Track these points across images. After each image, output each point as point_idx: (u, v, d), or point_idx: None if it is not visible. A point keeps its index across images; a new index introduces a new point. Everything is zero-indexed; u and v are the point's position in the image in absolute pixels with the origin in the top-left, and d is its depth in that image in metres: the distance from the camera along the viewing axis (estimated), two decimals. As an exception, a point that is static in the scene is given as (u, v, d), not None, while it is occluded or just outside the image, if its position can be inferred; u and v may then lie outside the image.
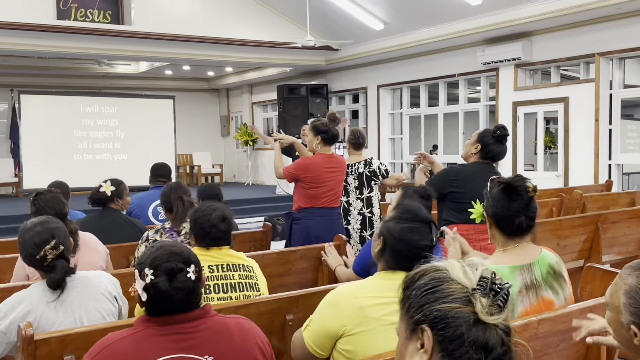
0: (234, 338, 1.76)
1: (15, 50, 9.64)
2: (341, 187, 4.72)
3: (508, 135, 3.63)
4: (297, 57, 11.70)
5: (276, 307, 2.59)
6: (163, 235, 3.39)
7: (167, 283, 1.67)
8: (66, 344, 2.13)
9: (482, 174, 3.52)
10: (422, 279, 1.12)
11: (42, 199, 3.15)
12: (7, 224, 10.06)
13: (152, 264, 1.69)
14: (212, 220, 2.62)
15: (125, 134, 12.70)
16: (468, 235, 3.53)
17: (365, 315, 1.94)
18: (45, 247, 2.23)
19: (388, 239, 2.06)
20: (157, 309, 1.70)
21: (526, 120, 9.44)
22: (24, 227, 2.35)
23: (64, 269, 2.24)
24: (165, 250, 1.74)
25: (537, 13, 8.31)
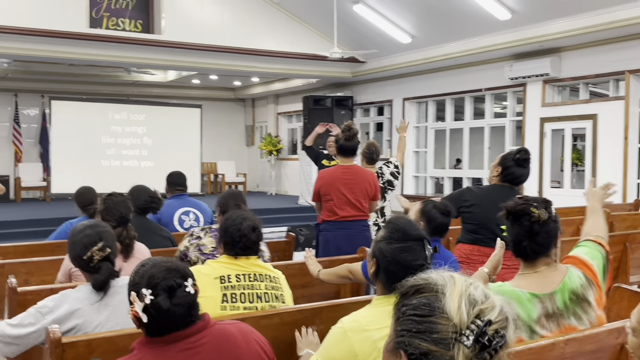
0: (239, 343, 1.74)
1: (49, 57, 9.85)
2: (364, 198, 4.54)
3: (529, 158, 3.57)
4: (324, 68, 11.76)
5: (299, 318, 2.58)
6: (208, 234, 3.44)
7: (168, 301, 1.63)
8: (93, 348, 2.15)
9: (496, 196, 3.47)
10: (416, 297, 1.05)
11: (112, 200, 3.27)
12: (37, 227, 10.25)
13: (150, 283, 1.64)
14: (242, 230, 2.62)
15: (152, 142, 12.87)
16: (471, 256, 3.56)
17: (379, 347, 1.82)
18: (92, 249, 2.30)
19: (381, 261, 2.00)
20: (158, 329, 1.66)
21: (553, 136, 9.35)
22: (75, 229, 2.43)
23: (108, 270, 2.30)
24: (160, 267, 1.69)
25: (567, 29, 8.24)
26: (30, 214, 10.78)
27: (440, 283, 1.05)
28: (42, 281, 3.70)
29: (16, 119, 13.84)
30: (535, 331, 2.10)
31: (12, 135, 13.84)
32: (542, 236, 2.13)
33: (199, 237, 3.46)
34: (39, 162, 13.88)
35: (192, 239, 3.48)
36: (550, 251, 2.18)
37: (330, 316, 2.62)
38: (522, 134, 9.59)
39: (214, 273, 2.56)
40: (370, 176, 4.63)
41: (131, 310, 1.66)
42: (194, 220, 5.03)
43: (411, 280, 1.08)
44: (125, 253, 3.22)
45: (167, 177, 5.18)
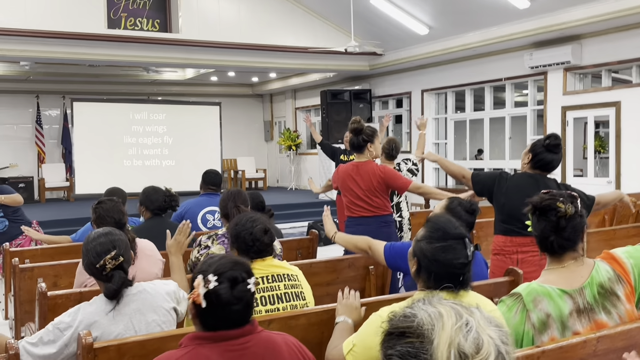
0: (283, 353, 1.74)
1: (69, 59, 9.95)
2: (373, 193, 4.42)
3: (559, 144, 3.50)
4: (341, 62, 11.72)
5: (326, 318, 2.57)
6: (215, 242, 3.42)
7: (230, 291, 1.67)
8: (123, 353, 2.19)
9: (525, 185, 3.46)
10: (401, 343, 0.98)
11: (102, 208, 3.26)
12: (60, 227, 10.39)
13: (217, 271, 1.69)
14: (255, 234, 2.62)
15: (173, 140, 12.95)
16: (504, 247, 3.50)
17: None
18: (105, 257, 2.29)
19: (422, 260, 2.00)
20: (213, 320, 1.68)
21: (574, 124, 9.22)
22: (89, 237, 2.43)
23: (121, 279, 2.30)
24: (229, 259, 1.76)
25: (588, 16, 8.10)
26: (55, 215, 10.93)
27: (427, 327, 0.97)
28: (70, 283, 3.74)
29: (38, 120, 14.03)
30: (568, 327, 2.08)
31: (34, 137, 14.03)
32: (569, 231, 2.12)
33: (208, 246, 3.42)
34: (61, 162, 14.06)
35: (201, 249, 3.44)
36: (577, 245, 2.17)
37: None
38: (544, 123, 9.47)
39: None
40: (377, 169, 4.44)
41: (192, 295, 1.69)
42: (218, 220, 5.03)
43: (396, 321, 1.01)
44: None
45: (203, 175, 5.20)
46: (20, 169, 13.47)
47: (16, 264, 3.71)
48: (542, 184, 3.45)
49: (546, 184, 3.46)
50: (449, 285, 1.96)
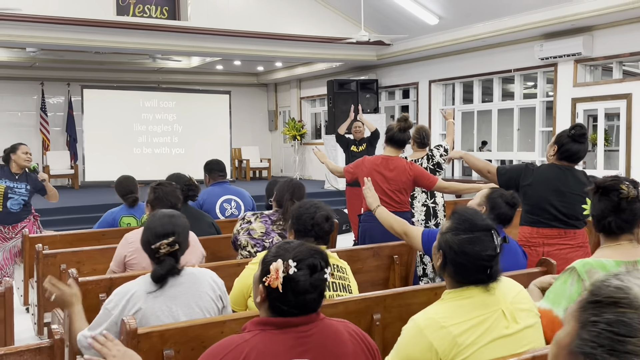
0: (345, 343, 1.72)
1: (77, 46, 9.88)
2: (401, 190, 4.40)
3: (585, 133, 3.43)
4: (349, 52, 11.67)
5: (363, 307, 2.57)
6: (258, 219, 3.49)
7: (308, 278, 1.65)
8: (166, 339, 2.19)
9: (551, 175, 3.45)
10: (612, 311, 0.98)
11: (162, 190, 3.30)
12: (65, 215, 10.38)
13: (296, 257, 1.67)
14: (316, 219, 2.64)
15: (182, 128, 12.89)
16: (531, 239, 3.47)
17: (460, 343, 1.83)
18: (162, 241, 2.28)
19: (448, 253, 1.94)
20: (286, 306, 1.65)
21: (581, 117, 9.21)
22: (155, 214, 2.44)
23: (169, 266, 2.29)
24: (307, 247, 1.73)
25: (600, 7, 8.07)
26: (59, 202, 10.88)
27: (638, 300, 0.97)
28: (93, 270, 3.76)
29: (43, 107, 13.96)
30: None
31: (39, 124, 13.97)
32: (628, 213, 2.16)
33: (250, 221, 3.51)
34: (66, 150, 14.01)
35: (243, 223, 3.53)
36: (634, 229, 2.20)
37: (393, 304, 2.67)
38: (553, 115, 9.45)
39: None
40: (406, 166, 4.44)
41: (267, 279, 1.65)
42: (235, 209, 5.01)
43: (606, 289, 1.00)
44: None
45: (205, 165, 5.11)
46: (24, 156, 13.41)
47: (40, 249, 3.70)
48: (570, 176, 3.43)
49: (575, 176, 3.43)
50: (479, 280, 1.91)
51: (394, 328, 2.51)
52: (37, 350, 2.03)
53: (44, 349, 2.03)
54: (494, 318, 1.88)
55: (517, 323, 1.91)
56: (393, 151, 4.48)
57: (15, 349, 2.01)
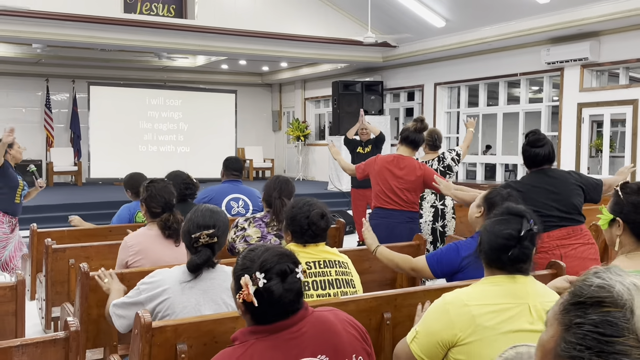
0: (337, 330, 1.72)
1: (84, 43, 9.89)
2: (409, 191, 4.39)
3: (539, 137, 3.49)
4: (354, 53, 11.68)
5: (374, 305, 2.55)
6: (252, 224, 3.43)
7: (281, 285, 1.62)
8: (180, 333, 2.16)
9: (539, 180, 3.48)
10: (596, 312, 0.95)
11: (155, 187, 3.27)
12: (68, 211, 10.36)
13: (263, 267, 1.63)
14: (311, 218, 2.61)
15: (188, 127, 12.90)
16: (543, 244, 3.42)
17: (478, 324, 1.90)
18: (202, 231, 2.32)
19: (482, 233, 2.08)
20: (266, 314, 1.63)
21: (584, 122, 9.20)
22: (198, 207, 2.47)
23: (206, 257, 2.32)
24: (272, 252, 1.68)
25: (607, 12, 8.08)
26: (63, 199, 10.93)
27: (625, 297, 0.95)
28: (101, 265, 3.71)
29: (47, 104, 13.98)
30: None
31: (43, 120, 13.99)
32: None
33: (244, 228, 3.44)
34: (69, 146, 14.03)
35: (238, 231, 3.45)
36: None
37: (404, 303, 2.61)
38: (559, 120, 9.45)
39: None
40: (417, 166, 4.42)
41: (240, 295, 1.62)
42: (242, 207, 4.98)
43: (588, 289, 0.98)
44: (176, 237, 3.23)
45: (224, 161, 5.09)
46: (28, 152, 13.34)
47: (49, 244, 3.70)
48: (551, 175, 3.51)
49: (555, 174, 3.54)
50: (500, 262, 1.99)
51: (404, 327, 2.48)
52: (52, 342, 2.04)
53: (60, 340, 2.05)
54: (518, 310, 1.93)
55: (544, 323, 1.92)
56: (407, 151, 4.46)
57: (32, 340, 2.01)
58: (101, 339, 3.07)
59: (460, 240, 3.13)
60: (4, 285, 2.77)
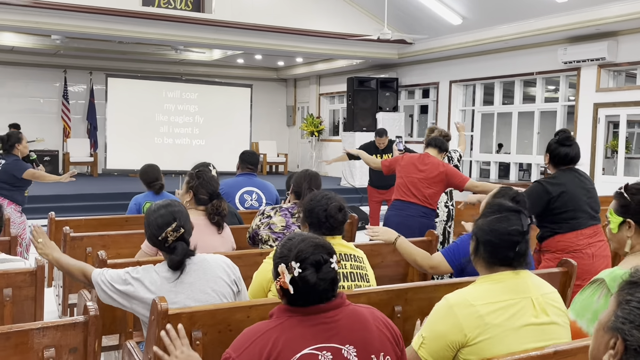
0: (370, 327, 1.75)
1: (102, 35, 9.99)
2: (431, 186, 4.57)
3: (569, 136, 3.59)
4: (370, 49, 11.67)
5: (385, 299, 2.58)
6: (277, 213, 3.49)
7: (315, 275, 1.68)
8: (195, 320, 2.21)
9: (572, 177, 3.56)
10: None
11: (206, 175, 3.35)
12: (83, 201, 10.52)
13: (299, 257, 1.69)
14: (329, 211, 2.64)
15: (203, 120, 12.96)
16: (578, 242, 3.49)
17: (486, 323, 1.91)
18: (166, 230, 2.33)
19: (479, 235, 2.06)
20: (301, 300, 1.70)
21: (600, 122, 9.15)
22: (149, 209, 2.46)
23: (183, 250, 2.34)
24: (309, 242, 1.74)
25: (626, 12, 8.02)
26: (78, 189, 11.05)
27: None
28: (117, 254, 3.79)
29: (65, 95, 14.13)
30: None
31: (61, 111, 14.14)
32: None
33: (270, 216, 3.49)
34: (86, 137, 14.18)
35: (263, 218, 3.51)
36: None
37: (415, 297, 2.64)
38: (575, 120, 9.40)
39: None
40: (440, 163, 4.66)
41: (278, 281, 1.70)
42: (256, 200, 5.00)
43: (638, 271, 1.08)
44: (220, 225, 3.32)
45: (240, 154, 5.15)
46: (45, 143, 13.59)
47: (68, 232, 3.76)
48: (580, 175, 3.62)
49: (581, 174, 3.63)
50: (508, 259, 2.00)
51: (415, 321, 2.51)
52: (72, 326, 2.09)
53: (79, 324, 2.10)
54: (522, 304, 1.95)
55: (548, 316, 1.97)
56: (434, 152, 4.73)
57: (52, 323, 2.07)
58: (116, 325, 3.12)
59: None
60: (24, 271, 2.82)
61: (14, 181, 5.46)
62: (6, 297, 2.75)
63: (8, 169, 5.44)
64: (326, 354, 1.64)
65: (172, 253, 2.33)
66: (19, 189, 5.54)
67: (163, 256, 2.44)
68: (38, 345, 2.02)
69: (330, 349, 1.65)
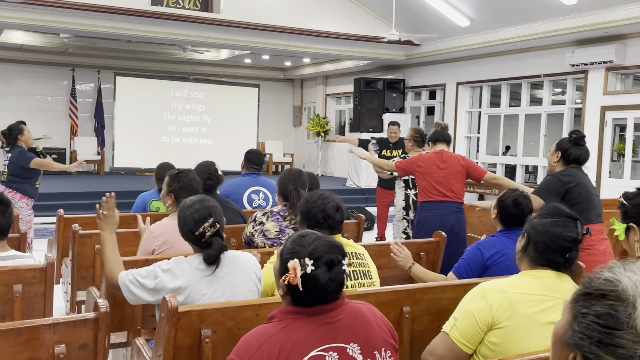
0: (371, 324, 1.76)
1: (111, 34, 10.02)
2: (457, 180, 4.68)
3: (584, 137, 3.67)
4: (377, 50, 11.68)
5: (394, 299, 2.57)
6: (270, 219, 3.45)
7: (327, 274, 1.67)
8: (205, 318, 2.22)
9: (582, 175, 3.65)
10: (600, 304, 0.99)
11: (186, 177, 3.29)
12: (89, 199, 10.52)
13: (313, 255, 1.68)
14: (327, 211, 2.61)
15: (211, 120, 12.98)
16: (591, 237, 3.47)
17: (515, 310, 1.95)
18: (204, 225, 2.35)
19: (532, 234, 2.09)
20: (308, 299, 1.68)
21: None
22: (184, 204, 2.46)
23: (219, 245, 2.36)
24: (323, 241, 1.73)
25: (634, 16, 8.00)
26: (85, 187, 11.09)
27: (630, 292, 0.97)
28: (125, 252, 3.71)
29: (73, 93, 14.18)
30: None
31: (68, 109, 14.20)
32: None
33: (262, 222, 3.45)
34: (93, 136, 14.23)
35: (256, 225, 3.46)
36: None
37: (423, 298, 2.63)
38: (582, 122, 9.38)
39: None
40: (459, 157, 4.80)
41: (286, 277, 1.67)
42: (263, 200, 5.02)
43: (597, 281, 1.02)
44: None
45: (245, 154, 5.14)
46: (53, 141, 13.64)
47: (76, 229, 3.77)
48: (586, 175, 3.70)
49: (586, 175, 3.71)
50: (556, 263, 2.03)
51: (423, 321, 2.54)
52: (83, 322, 2.11)
53: (90, 321, 2.11)
54: (554, 303, 1.98)
55: None
56: (444, 146, 4.79)
57: (63, 319, 2.08)
58: (125, 323, 3.12)
59: (480, 241, 3.15)
60: (34, 267, 2.83)
61: (23, 172, 5.57)
62: (16, 293, 2.76)
63: (15, 160, 5.57)
64: (332, 354, 1.64)
65: (209, 248, 2.35)
66: (28, 180, 5.65)
67: (194, 250, 2.44)
68: (49, 341, 2.03)
69: (336, 349, 1.65)
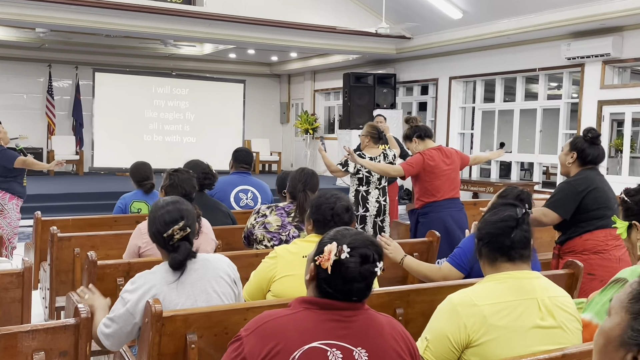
0: (385, 335, 1.71)
1: (89, 28, 9.65)
2: (457, 177, 4.71)
3: (600, 135, 3.56)
4: (367, 44, 11.39)
5: (387, 301, 2.51)
6: (273, 212, 3.43)
7: (358, 267, 1.65)
8: (190, 323, 2.14)
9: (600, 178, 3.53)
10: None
11: (178, 177, 3.25)
12: (68, 201, 10.11)
13: (351, 244, 1.67)
14: (336, 209, 2.62)
15: (195, 117, 12.61)
16: (607, 242, 3.42)
17: (490, 324, 1.88)
18: (173, 227, 2.25)
19: (478, 235, 2.09)
20: (331, 289, 1.66)
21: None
22: (157, 204, 2.37)
23: (186, 251, 2.26)
24: (365, 237, 1.72)
25: (631, 7, 7.82)
26: (64, 188, 10.70)
27: None
28: (106, 255, 3.70)
29: (49, 90, 13.72)
30: None
31: (45, 107, 13.73)
32: None
33: (265, 214, 3.46)
34: (71, 135, 13.77)
35: (258, 217, 3.46)
36: None
37: (417, 300, 2.59)
38: (578, 117, 9.16)
39: (301, 252, 2.55)
40: (453, 149, 4.84)
41: (319, 258, 1.66)
42: (251, 199, 4.90)
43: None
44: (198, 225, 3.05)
45: (233, 152, 5.00)
46: (29, 140, 13.15)
47: (55, 232, 3.57)
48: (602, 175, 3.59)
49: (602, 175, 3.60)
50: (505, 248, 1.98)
51: (417, 323, 2.48)
52: (63, 328, 2.04)
53: (70, 327, 2.05)
54: (526, 305, 1.92)
55: (554, 319, 1.93)
56: (431, 142, 4.72)
57: (42, 326, 2.00)
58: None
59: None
60: (10, 272, 2.75)
61: (7, 172, 5.56)
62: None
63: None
64: (336, 352, 1.61)
65: (175, 252, 2.25)
66: (14, 179, 5.65)
67: (162, 256, 2.34)
68: (27, 349, 1.99)
69: (341, 348, 1.62)
